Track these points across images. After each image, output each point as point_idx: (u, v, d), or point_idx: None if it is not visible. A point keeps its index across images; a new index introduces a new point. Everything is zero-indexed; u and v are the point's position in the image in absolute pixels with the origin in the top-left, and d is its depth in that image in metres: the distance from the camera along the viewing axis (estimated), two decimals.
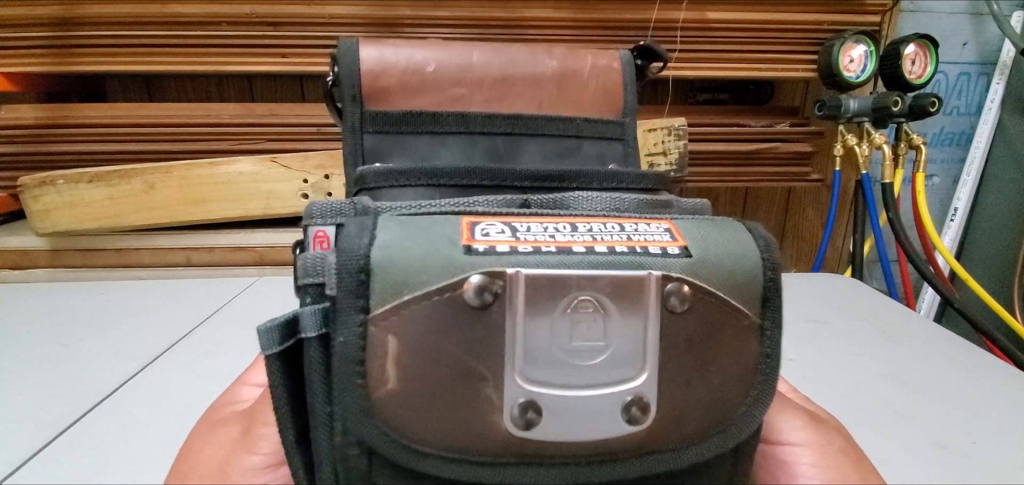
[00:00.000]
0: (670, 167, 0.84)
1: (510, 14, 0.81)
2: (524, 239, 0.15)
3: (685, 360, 0.15)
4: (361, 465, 0.15)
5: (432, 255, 0.14)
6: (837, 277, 0.78)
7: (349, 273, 0.14)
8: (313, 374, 0.16)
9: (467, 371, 0.14)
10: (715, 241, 0.16)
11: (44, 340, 0.52)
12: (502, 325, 0.14)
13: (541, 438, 0.15)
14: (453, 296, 0.14)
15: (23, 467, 0.35)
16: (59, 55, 0.79)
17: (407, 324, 0.14)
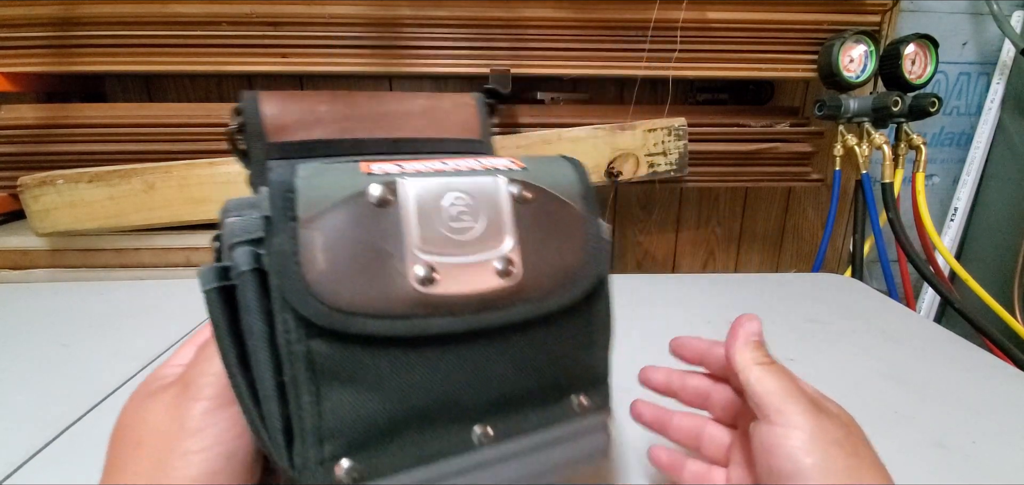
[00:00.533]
0: (670, 167, 0.84)
1: (510, 14, 0.81)
2: (407, 169, 0.21)
3: (535, 233, 0.22)
4: (301, 348, 0.19)
5: (341, 178, 0.20)
6: (837, 277, 0.78)
7: (280, 195, 0.19)
8: (248, 296, 0.19)
9: (378, 251, 0.20)
10: (543, 165, 0.24)
11: (44, 340, 0.52)
12: (400, 216, 0.20)
13: (438, 293, 0.20)
14: (360, 199, 0.20)
15: (23, 467, 0.35)
16: (59, 55, 0.79)
17: (327, 222, 0.19)
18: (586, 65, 0.85)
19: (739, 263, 1.19)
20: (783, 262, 1.20)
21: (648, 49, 0.83)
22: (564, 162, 0.25)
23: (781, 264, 1.20)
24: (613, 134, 0.80)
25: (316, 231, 0.19)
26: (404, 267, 0.20)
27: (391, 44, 0.82)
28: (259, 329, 0.19)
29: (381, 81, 0.94)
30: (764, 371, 0.24)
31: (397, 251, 0.20)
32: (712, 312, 0.62)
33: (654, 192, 1.10)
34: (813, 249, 1.17)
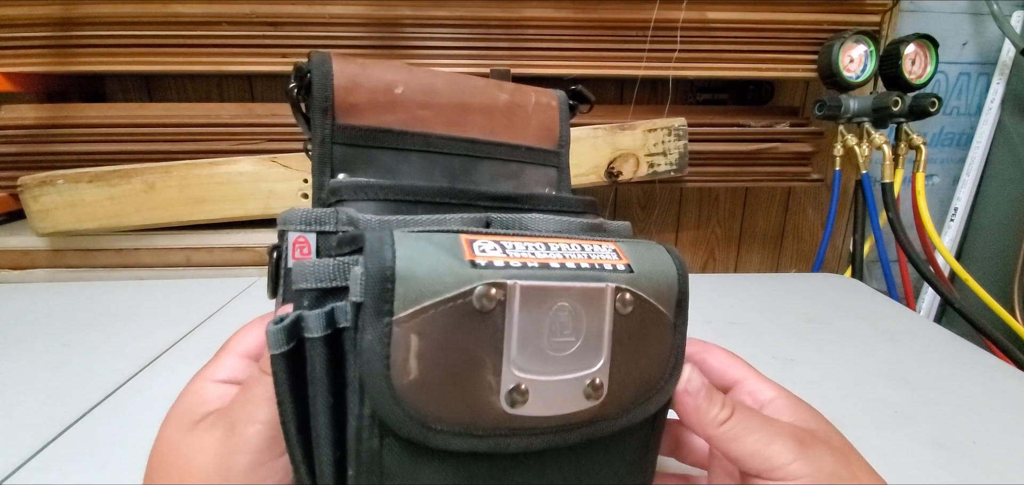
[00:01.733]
0: (670, 167, 0.84)
1: (510, 14, 0.81)
2: (513, 256, 0.19)
3: (627, 349, 0.20)
4: (373, 444, 0.17)
5: (444, 268, 0.17)
6: (837, 277, 0.78)
7: (377, 282, 0.16)
8: (317, 369, 0.18)
9: (474, 361, 0.18)
10: (647, 259, 0.21)
11: (44, 340, 0.52)
12: (502, 325, 0.18)
13: (525, 414, 0.18)
14: (464, 302, 0.17)
15: (23, 467, 0.35)
16: (59, 55, 0.79)
17: (426, 325, 0.17)
18: (586, 65, 0.85)
19: (739, 263, 1.19)
20: (783, 262, 1.20)
21: (648, 49, 0.83)
22: (667, 257, 0.22)
23: (781, 264, 1.20)
24: (613, 134, 0.80)
25: (412, 333, 0.17)
26: (497, 383, 0.18)
27: (391, 44, 0.82)
28: (324, 401, 0.18)
29: None
30: (732, 427, 0.22)
31: (493, 363, 0.18)
32: (712, 312, 0.62)
33: (654, 192, 1.10)
34: (813, 249, 1.17)
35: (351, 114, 0.24)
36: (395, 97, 0.25)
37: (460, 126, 0.26)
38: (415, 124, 0.25)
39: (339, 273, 0.18)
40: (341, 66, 0.24)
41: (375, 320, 0.16)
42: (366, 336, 0.17)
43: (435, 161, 0.26)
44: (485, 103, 0.27)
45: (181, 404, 0.22)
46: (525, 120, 0.28)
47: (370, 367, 0.17)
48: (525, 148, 0.29)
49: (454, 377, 0.17)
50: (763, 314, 0.62)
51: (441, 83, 0.26)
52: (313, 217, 0.20)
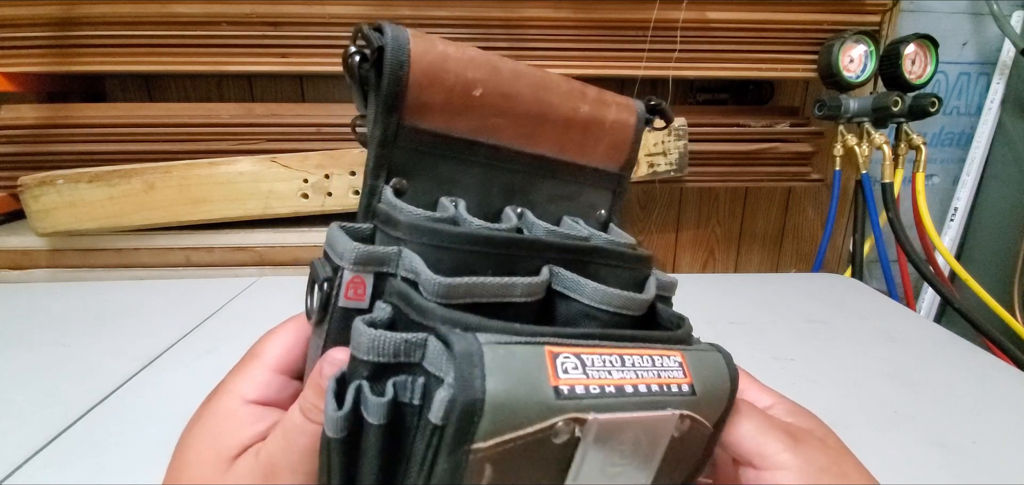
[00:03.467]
0: (670, 167, 0.84)
1: (510, 14, 0.81)
2: (593, 376, 0.18)
3: (671, 464, 0.20)
4: None
5: (532, 400, 0.16)
6: (837, 277, 0.78)
7: (463, 415, 0.15)
8: (370, 456, 0.17)
9: (535, 483, 0.18)
10: (708, 377, 0.21)
11: (44, 340, 0.52)
12: (572, 455, 0.18)
13: None
14: (544, 437, 0.17)
15: (23, 467, 0.35)
16: (59, 55, 0.79)
17: (503, 457, 0.16)
18: (586, 65, 0.85)
19: (739, 263, 1.19)
20: (783, 262, 1.20)
21: (648, 49, 0.83)
22: (724, 370, 0.22)
23: (781, 264, 1.20)
24: None
25: (488, 463, 0.16)
26: None
27: None
28: (374, 478, 0.18)
29: None
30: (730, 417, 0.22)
31: (556, 482, 0.18)
32: (712, 312, 0.62)
33: (654, 192, 1.10)
34: (813, 249, 1.17)
35: (420, 115, 0.21)
36: (472, 100, 0.22)
37: (531, 139, 0.24)
38: (486, 133, 0.23)
39: (405, 352, 0.17)
40: (420, 53, 0.21)
41: (454, 448, 0.16)
42: (442, 465, 0.16)
43: (496, 175, 0.24)
44: (564, 116, 0.25)
45: (213, 427, 0.20)
46: (599, 137, 0.26)
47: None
48: (591, 169, 0.27)
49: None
50: (763, 314, 0.62)
51: (524, 85, 0.23)
52: (374, 257, 0.19)
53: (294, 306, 0.21)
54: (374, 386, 0.17)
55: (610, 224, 0.29)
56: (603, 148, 0.27)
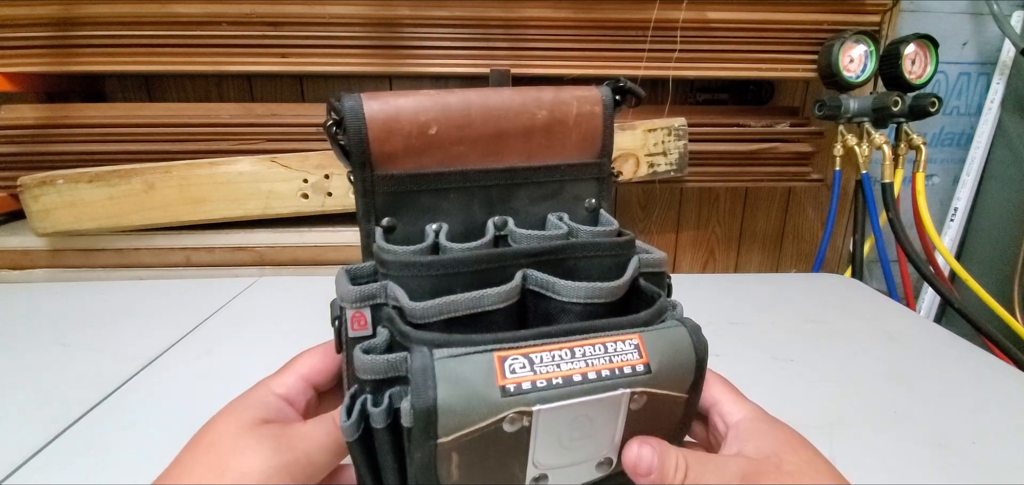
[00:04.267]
0: (670, 167, 0.84)
1: (510, 14, 0.81)
2: (540, 372, 0.21)
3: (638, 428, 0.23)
4: None
5: (478, 401, 0.20)
6: (837, 277, 0.78)
7: (422, 417, 0.20)
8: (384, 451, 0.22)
9: (504, 465, 0.21)
10: (668, 352, 0.23)
11: (44, 340, 0.52)
12: (527, 439, 0.21)
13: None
14: (495, 429, 0.20)
15: (23, 467, 0.35)
16: (59, 55, 0.79)
17: (464, 447, 0.20)
18: (586, 65, 0.85)
19: (739, 263, 1.19)
20: (783, 262, 1.20)
21: (648, 49, 0.83)
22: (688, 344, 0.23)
23: (781, 264, 1.20)
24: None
25: (453, 451, 0.20)
26: (523, 475, 0.22)
27: (391, 44, 0.82)
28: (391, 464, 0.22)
29: (381, 81, 0.94)
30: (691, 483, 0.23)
31: (520, 463, 0.22)
32: (712, 312, 0.62)
33: (654, 192, 1.10)
34: (813, 249, 1.17)
35: (389, 163, 0.25)
36: (430, 139, 0.25)
37: (496, 156, 0.27)
38: (452, 161, 0.26)
39: (392, 368, 0.21)
40: (374, 112, 0.24)
41: (422, 442, 0.20)
42: (417, 455, 0.20)
43: (474, 194, 0.27)
44: (522, 126, 0.27)
45: (244, 400, 0.24)
46: (565, 134, 0.28)
47: (422, 472, 0.21)
48: (565, 166, 0.28)
49: (488, 475, 0.21)
50: (763, 314, 0.62)
51: (475, 112, 0.26)
52: (366, 295, 0.23)
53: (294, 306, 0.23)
54: (376, 397, 0.21)
55: (600, 211, 0.30)
56: (574, 142, 0.28)
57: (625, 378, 0.22)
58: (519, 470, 0.22)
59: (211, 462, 0.21)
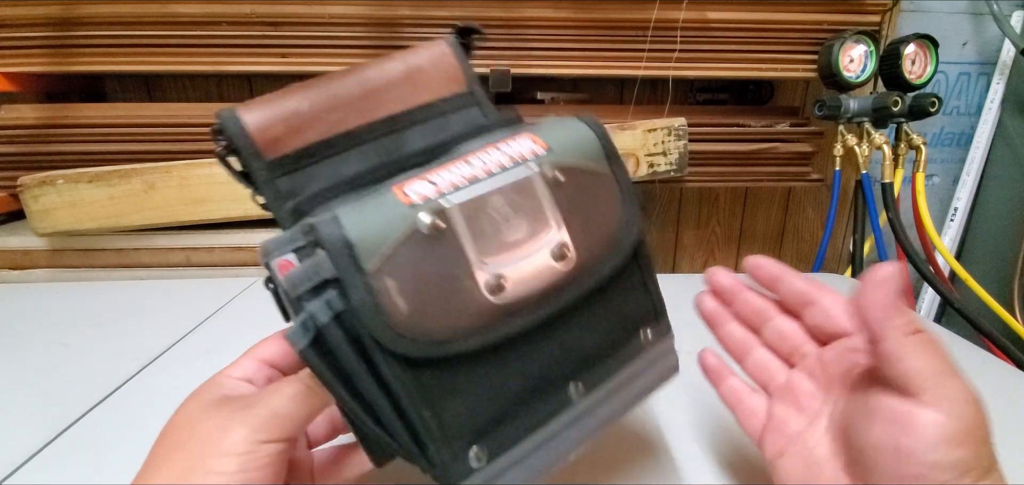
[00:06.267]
0: (670, 167, 0.84)
1: (510, 14, 0.81)
2: (442, 184, 0.22)
3: (577, 211, 0.24)
4: (407, 378, 0.21)
5: (388, 217, 0.21)
6: (837, 277, 0.78)
7: (339, 253, 0.20)
8: (338, 343, 0.20)
9: (449, 277, 0.21)
10: (563, 135, 0.25)
11: (44, 340, 0.52)
12: (455, 239, 0.21)
13: (511, 298, 0.22)
14: (415, 234, 0.21)
15: (23, 467, 0.35)
16: (59, 55, 0.79)
17: (394, 266, 0.20)
18: (586, 65, 0.85)
19: (739, 263, 1.19)
20: (783, 262, 1.20)
21: (648, 49, 0.83)
22: (582, 125, 0.26)
23: None
24: (613, 134, 0.80)
25: (386, 277, 0.20)
26: (474, 283, 0.22)
27: (391, 44, 0.82)
28: (358, 368, 0.21)
29: None
30: (915, 343, 0.21)
31: (465, 270, 0.21)
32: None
33: (654, 192, 1.10)
34: (813, 249, 1.17)
35: (276, 147, 0.26)
36: (306, 114, 0.26)
37: (373, 111, 0.28)
38: (334, 128, 0.27)
39: (315, 270, 0.20)
40: (247, 112, 0.25)
41: (354, 281, 0.20)
42: (354, 298, 0.20)
43: (367, 150, 0.28)
44: (384, 81, 0.29)
45: (202, 387, 0.24)
46: (427, 78, 0.30)
47: (371, 320, 0.20)
48: (440, 101, 0.30)
49: (438, 294, 0.21)
50: None
51: (336, 83, 0.28)
52: (285, 239, 0.22)
53: None
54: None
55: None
56: (439, 81, 0.30)
57: (529, 162, 0.23)
58: (468, 280, 0.21)
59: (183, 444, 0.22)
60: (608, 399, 0.25)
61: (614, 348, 0.26)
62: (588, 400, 0.25)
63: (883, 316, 0.21)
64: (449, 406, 0.22)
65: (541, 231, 0.23)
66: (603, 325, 0.26)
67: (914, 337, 0.21)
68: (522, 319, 0.23)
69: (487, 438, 0.22)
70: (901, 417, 0.20)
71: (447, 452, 0.22)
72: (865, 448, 0.21)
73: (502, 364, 0.23)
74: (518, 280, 0.22)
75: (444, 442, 0.21)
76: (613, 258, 0.26)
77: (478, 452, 0.22)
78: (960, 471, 0.19)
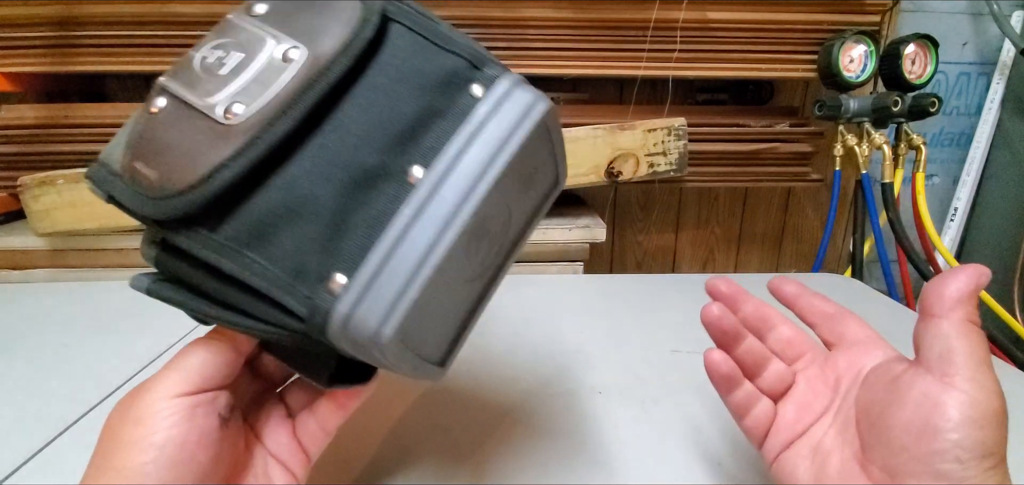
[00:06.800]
0: (670, 167, 0.84)
1: (510, 14, 0.81)
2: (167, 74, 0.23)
3: (295, 20, 0.23)
4: (218, 242, 0.21)
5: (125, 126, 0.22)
6: (837, 277, 0.78)
7: (101, 177, 0.21)
8: (164, 261, 0.23)
9: (184, 130, 0.21)
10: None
11: (44, 340, 0.52)
12: (180, 102, 0.21)
13: (255, 111, 0.21)
14: (140, 118, 0.22)
15: (23, 467, 0.35)
16: (59, 55, 0.79)
17: (136, 155, 0.21)
18: (586, 65, 0.85)
19: (739, 263, 1.19)
20: (783, 262, 1.20)
21: (648, 49, 0.84)
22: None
23: (781, 264, 1.20)
24: (613, 134, 0.80)
25: (133, 164, 0.21)
26: (209, 120, 0.21)
27: None
28: (193, 273, 0.22)
29: None
30: (970, 330, 0.23)
31: (197, 116, 0.21)
32: None
33: (654, 192, 1.10)
34: (813, 249, 1.17)
35: None
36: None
37: None
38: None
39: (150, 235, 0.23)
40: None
41: (115, 185, 0.21)
42: (120, 197, 0.21)
43: None
44: None
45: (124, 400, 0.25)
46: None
47: (133, 199, 0.21)
48: None
49: (181, 148, 0.21)
50: None
51: None
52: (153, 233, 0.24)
53: None
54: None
55: None
56: None
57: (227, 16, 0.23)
58: (201, 120, 0.21)
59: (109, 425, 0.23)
60: (458, 164, 0.22)
61: (434, 116, 0.23)
62: (432, 175, 0.21)
63: (957, 298, 0.23)
64: (270, 244, 0.21)
65: (258, 51, 0.22)
66: (397, 100, 0.23)
67: (971, 325, 0.23)
68: (283, 123, 0.21)
69: (337, 257, 0.20)
70: (933, 397, 0.22)
71: (303, 290, 0.20)
72: (893, 428, 0.22)
73: (296, 179, 0.21)
74: (250, 93, 0.21)
75: (294, 281, 0.20)
76: (362, 32, 0.23)
77: (336, 277, 0.20)
78: (980, 453, 0.20)
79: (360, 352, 0.21)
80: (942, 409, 0.21)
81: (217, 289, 0.21)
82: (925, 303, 0.24)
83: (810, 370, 0.29)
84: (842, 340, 0.29)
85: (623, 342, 0.52)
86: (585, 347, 0.51)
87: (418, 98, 0.23)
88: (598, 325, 0.55)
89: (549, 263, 0.78)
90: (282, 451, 0.27)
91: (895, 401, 0.23)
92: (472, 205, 0.21)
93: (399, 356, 0.21)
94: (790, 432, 0.27)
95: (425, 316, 0.22)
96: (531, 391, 0.44)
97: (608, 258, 1.15)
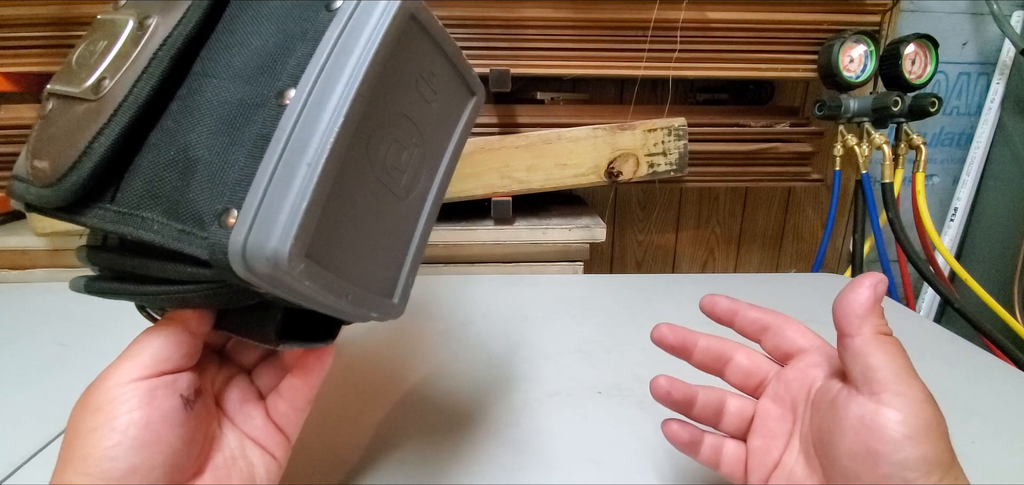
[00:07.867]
0: (670, 167, 0.84)
1: (510, 14, 0.81)
2: None
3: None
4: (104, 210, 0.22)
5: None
6: (837, 277, 0.78)
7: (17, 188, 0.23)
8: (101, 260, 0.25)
9: (67, 119, 0.23)
10: None
11: (44, 340, 0.52)
12: (66, 99, 0.23)
13: (120, 80, 0.22)
14: (41, 124, 0.23)
15: (23, 467, 0.35)
16: (59, 55, 0.79)
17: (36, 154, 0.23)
18: (586, 65, 0.85)
19: (739, 263, 1.19)
20: (783, 262, 1.20)
21: (648, 49, 0.83)
22: None
23: (781, 264, 1.20)
24: (613, 134, 0.80)
25: (33, 162, 0.22)
26: (84, 102, 0.22)
27: None
28: (114, 258, 0.24)
29: None
30: (882, 342, 0.23)
31: (75, 103, 0.23)
32: None
33: (654, 192, 1.10)
34: (813, 249, 1.17)
35: None
36: None
37: None
38: None
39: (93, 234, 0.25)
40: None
41: (28, 192, 0.22)
42: (28, 195, 0.22)
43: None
44: None
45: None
46: None
47: (39, 196, 0.22)
48: None
49: (64, 135, 0.22)
50: None
51: None
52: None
53: None
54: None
55: None
56: None
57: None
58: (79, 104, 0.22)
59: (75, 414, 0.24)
60: (325, 73, 0.21)
61: (296, 39, 0.23)
62: (301, 90, 0.21)
63: (861, 313, 0.23)
64: (164, 199, 0.21)
65: (122, 31, 0.23)
66: (257, 34, 0.23)
67: (882, 337, 0.23)
68: (145, 82, 0.22)
69: (226, 193, 0.20)
70: (867, 421, 0.21)
71: (201, 233, 0.20)
72: (840, 458, 0.22)
73: (171, 132, 0.22)
74: (115, 67, 0.22)
75: (193, 228, 0.21)
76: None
77: (231, 211, 0.20)
78: (926, 468, 0.20)
79: (280, 288, 0.20)
80: (878, 433, 0.21)
81: (137, 265, 0.23)
82: (835, 323, 0.24)
83: (768, 395, 0.29)
84: (788, 354, 0.29)
85: (623, 342, 0.52)
86: (585, 347, 0.51)
87: (279, 26, 0.23)
88: (598, 325, 0.55)
89: (549, 263, 0.78)
90: (258, 433, 0.27)
91: (836, 428, 0.23)
92: (345, 107, 0.20)
93: (323, 283, 0.21)
94: (764, 465, 0.27)
95: (335, 234, 0.21)
96: (530, 391, 0.44)
97: (608, 258, 1.15)
